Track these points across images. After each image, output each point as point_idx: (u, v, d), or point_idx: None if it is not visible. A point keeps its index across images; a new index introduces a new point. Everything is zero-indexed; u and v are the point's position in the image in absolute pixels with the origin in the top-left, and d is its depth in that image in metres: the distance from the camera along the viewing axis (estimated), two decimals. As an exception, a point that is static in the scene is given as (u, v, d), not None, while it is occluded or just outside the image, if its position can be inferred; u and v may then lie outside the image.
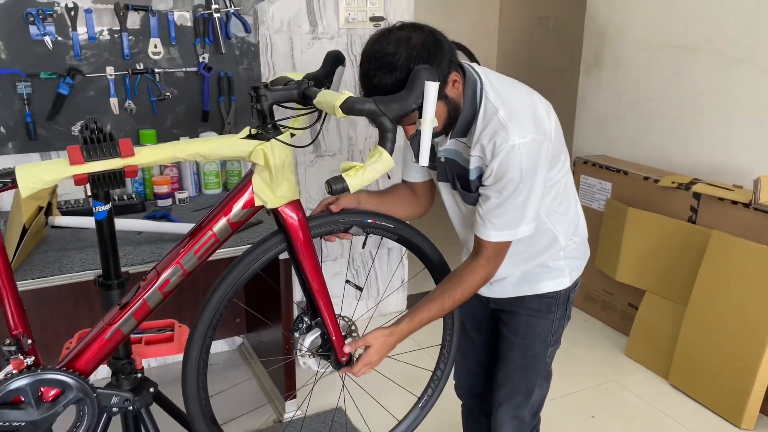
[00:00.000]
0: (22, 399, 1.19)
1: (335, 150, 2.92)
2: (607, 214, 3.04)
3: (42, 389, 1.21)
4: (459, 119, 1.34)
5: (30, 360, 1.20)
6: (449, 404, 1.88)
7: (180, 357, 1.34)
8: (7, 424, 1.18)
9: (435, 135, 1.29)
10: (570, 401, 2.56)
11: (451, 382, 1.78)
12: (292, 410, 2.42)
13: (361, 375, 1.38)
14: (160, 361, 2.78)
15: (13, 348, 1.18)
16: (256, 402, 2.51)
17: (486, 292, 1.59)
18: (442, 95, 1.24)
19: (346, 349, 1.40)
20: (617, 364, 2.85)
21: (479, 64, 1.46)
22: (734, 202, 2.46)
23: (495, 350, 1.70)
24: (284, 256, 2.14)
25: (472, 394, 1.82)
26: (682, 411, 2.49)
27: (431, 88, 1.11)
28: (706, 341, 2.49)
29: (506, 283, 1.55)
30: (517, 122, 1.28)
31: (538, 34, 5.56)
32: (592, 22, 3.42)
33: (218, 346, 2.92)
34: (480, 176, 1.34)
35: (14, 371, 1.18)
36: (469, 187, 1.39)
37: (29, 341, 1.20)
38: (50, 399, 1.22)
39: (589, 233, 3.07)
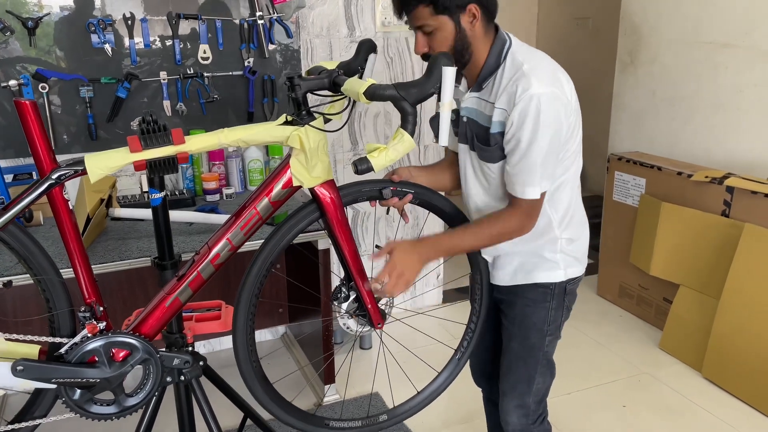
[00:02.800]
0: (96, 359, 1.36)
1: (373, 149, 3.04)
2: (641, 210, 3.07)
3: (113, 350, 1.37)
4: (483, 69, 1.42)
5: (102, 325, 1.37)
6: (466, 393, 1.97)
7: (225, 341, 1.45)
8: (84, 380, 1.34)
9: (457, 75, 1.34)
10: (602, 391, 2.61)
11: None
12: (331, 394, 2.54)
13: (398, 292, 1.39)
14: (208, 348, 2.95)
15: (87, 314, 1.34)
16: (297, 387, 2.65)
17: (502, 282, 1.64)
18: (455, 20, 1.36)
19: (373, 259, 1.43)
20: (651, 357, 2.87)
21: None
22: (767, 195, 2.47)
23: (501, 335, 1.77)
24: (324, 246, 2.30)
25: (487, 379, 1.86)
26: (714, 402, 2.51)
27: (448, 73, 1.21)
28: (739, 333, 2.51)
29: (504, 272, 1.61)
30: (539, 73, 1.34)
31: (577, 35, 5.58)
32: (627, 21, 3.46)
33: (262, 335, 3.07)
34: (502, 132, 1.39)
35: (89, 334, 1.34)
36: (488, 141, 1.43)
37: (101, 308, 1.37)
38: (120, 359, 1.38)
39: (623, 229, 3.14)
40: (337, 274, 2.27)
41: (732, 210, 2.63)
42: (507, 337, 1.65)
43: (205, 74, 2.64)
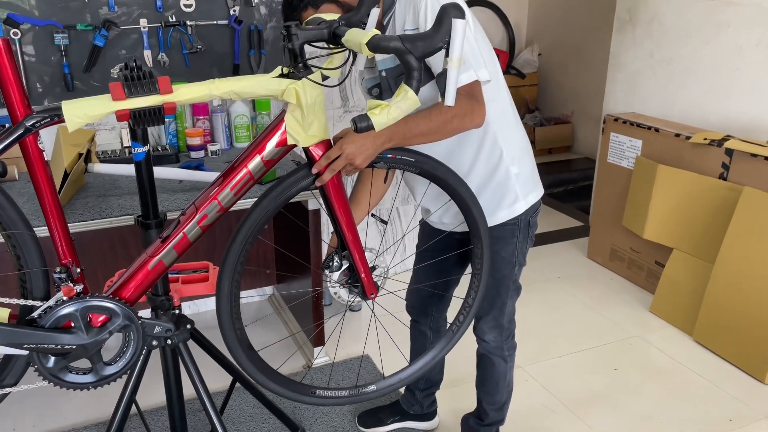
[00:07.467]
0: (72, 324, 1.26)
1: (363, 105, 2.93)
2: (636, 172, 3.02)
3: (90, 315, 1.28)
4: (383, 14, 1.47)
5: (79, 288, 1.26)
6: (456, 357, 1.93)
7: (210, 302, 1.40)
8: (58, 347, 1.25)
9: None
10: (593, 354, 2.60)
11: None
12: (320, 357, 2.50)
13: (338, 167, 1.31)
14: (193, 309, 2.88)
15: (63, 276, 1.24)
16: (286, 349, 2.59)
17: (453, 227, 1.71)
18: (334, 1, 1.45)
19: (319, 164, 1.32)
20: (642, 320, 2.86)
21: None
22: (767, 158, 2.43)
23: (446, 275, 1.85)
24: (313, 206, 2.21)
25: (425, 316, 1.96)
26: (705, 365, 2.51)
27: (459, 26, 1.10)
28: (733, 298, 2.49)
29: None
30: None
31: (571, -8, 5.43)
32: (626, -23, 3.34)
33: (249, 297, 3.01)
34: None
35: (65, 298, 1.25)
36: None
37: (78, 270, 1.27)
38: (98, 325, 1.29)
39: (616, 191, 3.11)
40: (325, 241, 2.20)
41: (730, 173, 2.59)
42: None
43: (188, 23, 2.50)
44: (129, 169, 2.11)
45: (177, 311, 1.55)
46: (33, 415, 2.21)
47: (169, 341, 1.48)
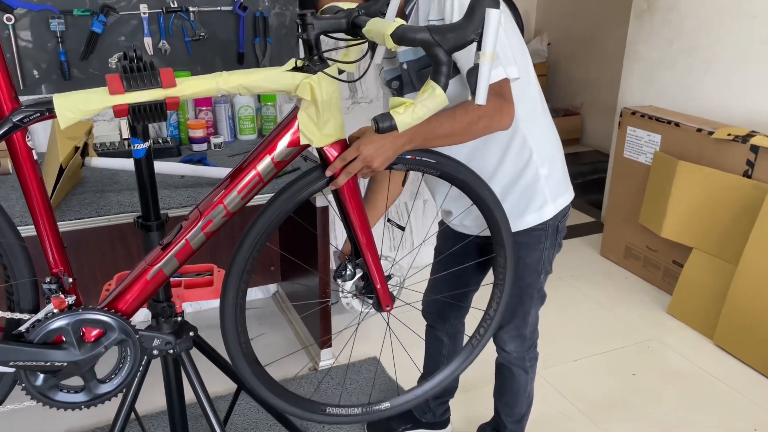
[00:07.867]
0: (63, 339, 1.16)
1: (372, 97, 2.82)
2: (654, 168, 2.91)
3: (83, 329, 1.17)
4: (405, 2, 1.37)
5: (71, 299, 1.16)
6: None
7: (216, 302, 1.32)
8: (48, 364, 1.15)
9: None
10: (610, 358, 2.50)
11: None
12: (327, 358, 2.40)
13: (355, 170, 1.21)
14: (195, 307, 2.78)
15: (53, 286, 1.13)
16: (291, 350, 2.50)
17: (476, 230, 1.60)
18: None
19: (334, 166, 1.22)
20: (659, 322, 2.77)
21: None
22: (796, 156, 2.33)
23: (465, 281, 1.74)
24: (321, 203, 2.11)
25: (443, 321, 1.86)
26: (727, 371, 2.42)
27: (493, 17, 1.00)
28: (757, 301, 2.39)
29: None
30: None
31: (583, -20, 5.29)
32: (645, -36, 3.22)
33: (253, 294, 2.91)
34: None
35: (55, 310, 1.14)
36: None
37: (70, 280, 1.16)
38: (92, 339, 1.18)
39: (633, 187, 2.99)
40: (333, 244, 2.08)
41: (755, 171, 2.48)
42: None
43: (191, 9, 2.38)
44: (128, 164, 2.00)
45: (179, 318, 1.45)
46: (29, 421, 2.12)
47: (170, 350, 1.39)
